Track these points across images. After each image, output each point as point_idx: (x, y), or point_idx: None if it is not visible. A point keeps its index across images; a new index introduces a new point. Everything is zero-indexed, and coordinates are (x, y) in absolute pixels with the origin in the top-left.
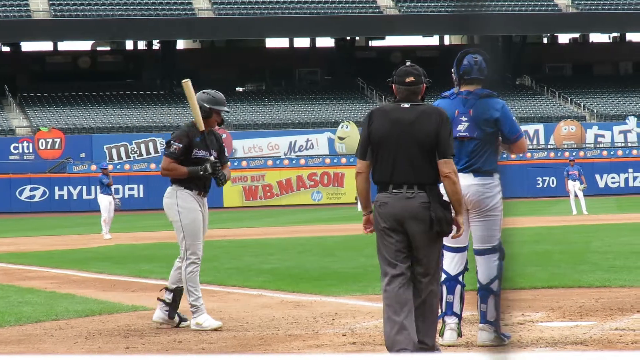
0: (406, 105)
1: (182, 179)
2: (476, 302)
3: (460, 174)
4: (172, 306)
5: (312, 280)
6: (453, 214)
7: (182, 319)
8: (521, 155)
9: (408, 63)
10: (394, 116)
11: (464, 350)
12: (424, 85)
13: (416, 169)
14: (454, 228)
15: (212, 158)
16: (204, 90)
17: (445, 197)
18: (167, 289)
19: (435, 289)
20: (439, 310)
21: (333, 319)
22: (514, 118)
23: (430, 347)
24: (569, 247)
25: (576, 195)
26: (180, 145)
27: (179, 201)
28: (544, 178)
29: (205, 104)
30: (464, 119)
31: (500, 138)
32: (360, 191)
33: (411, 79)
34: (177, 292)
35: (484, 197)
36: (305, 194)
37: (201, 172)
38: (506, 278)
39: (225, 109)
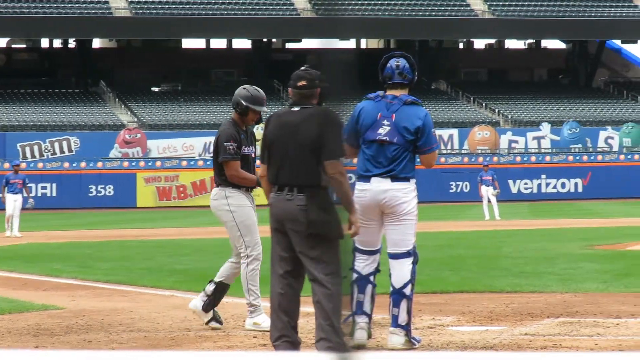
0: (296, 109)
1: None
2: (388, 305)
3: (378, 178)
4: (210, 300)
5: None
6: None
7: (215, 320)
8: (426, 167)
9: (303, 67)
10: (282, 120)
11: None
12: (319, 89)
13: (298, 171)
14: (352, 228)
15: None
16: (244, 86)
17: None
18: (211, 280)
19: (330, 291)
20: (351, 309)
21: (245, 320)
22: (432, 130)
23: (337, 343)
24: (481, 252)
25: (489, 201)
26: (235, 145)
27: (229, 200)
28: (458, 183)
29: (242, 101)
30: (385, 122)
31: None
32: (265, 193)
33: (303, 82)
34: (220, 287)
35: (401, 202)
36: None
37: None
38: (418, 282)
39: (264, 109)
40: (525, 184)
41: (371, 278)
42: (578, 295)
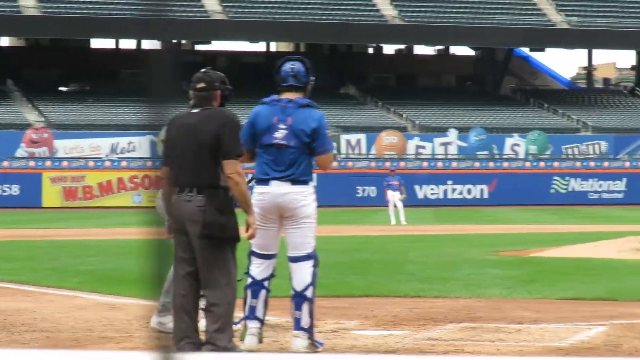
0: (195, 111)
1: None
2: (290, 308)
3: (277, 182)
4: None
5: (129, 283)
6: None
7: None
8: (322, 169)
9: (203, 70)
10: (182, 122)
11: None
12: (219, 92)
13: (197, 172)
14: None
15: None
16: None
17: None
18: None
19: (219, 300)
20: (240, 314)
21: (148, 322)
22: (327, 131)
23: (222, 348)
24: (387, 257)
25: (395, 205)
26: None
27: None
28: (365, 187)
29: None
30: (282, 126)
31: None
32: (164, 196)
33: (201, 85)
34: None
35: (300, 206)
36: (125, 196)
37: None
38: (320, 285)
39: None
40: (432, 189)
41: (265, 283)
42: (481, 301)
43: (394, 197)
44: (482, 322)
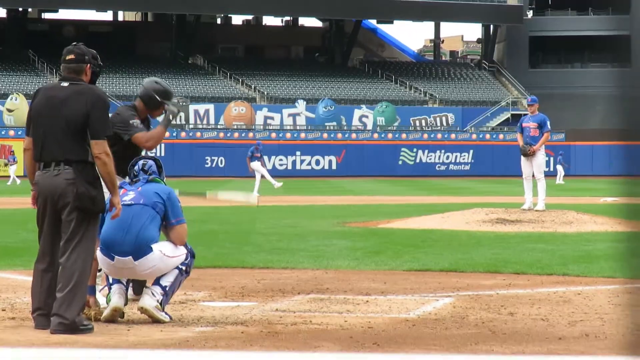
0: (64, 84)
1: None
2: None
3: None
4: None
5: None
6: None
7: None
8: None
9: (74, 43)
10: (50, 94)
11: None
12: (89, 66)
13: (64, 147)
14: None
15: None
16: (156, 80)
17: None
18: None
19: (77, 266)
20: (99, 285)
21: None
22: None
23: (70, 322)
24: (235, 228)
25: (254, 176)
26: (138, 121)
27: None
28: (213, 158)
29: (157, 97)
30: None
31: None
32: (27, 167)
33: (71, 56)
34: None
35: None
36: None
37: (171, 117)
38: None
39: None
40: (280, 160)
41: None
42: (329, 272)
43: (257, 166)
44: (330, 294)
